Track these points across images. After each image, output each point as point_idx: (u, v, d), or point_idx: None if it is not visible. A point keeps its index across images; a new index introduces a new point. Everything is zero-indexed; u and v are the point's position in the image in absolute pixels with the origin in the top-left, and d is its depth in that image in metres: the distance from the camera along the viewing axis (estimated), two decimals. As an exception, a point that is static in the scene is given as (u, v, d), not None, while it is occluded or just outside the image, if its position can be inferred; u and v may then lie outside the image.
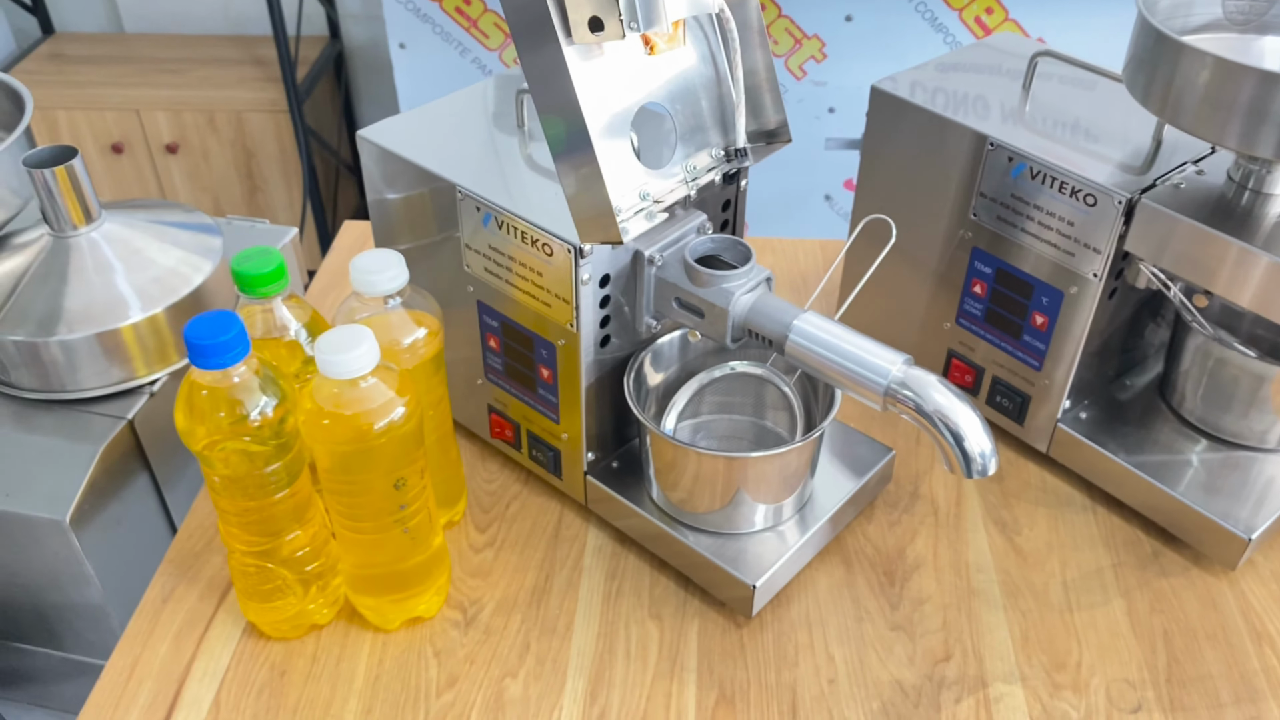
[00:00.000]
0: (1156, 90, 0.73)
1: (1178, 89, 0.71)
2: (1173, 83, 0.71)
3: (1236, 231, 0.73)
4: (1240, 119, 0.68)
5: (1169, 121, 0.73)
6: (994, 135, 0.83)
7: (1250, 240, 0.72)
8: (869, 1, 1.78)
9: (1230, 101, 0.68)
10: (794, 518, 0.82)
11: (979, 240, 0.88)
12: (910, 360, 0.71)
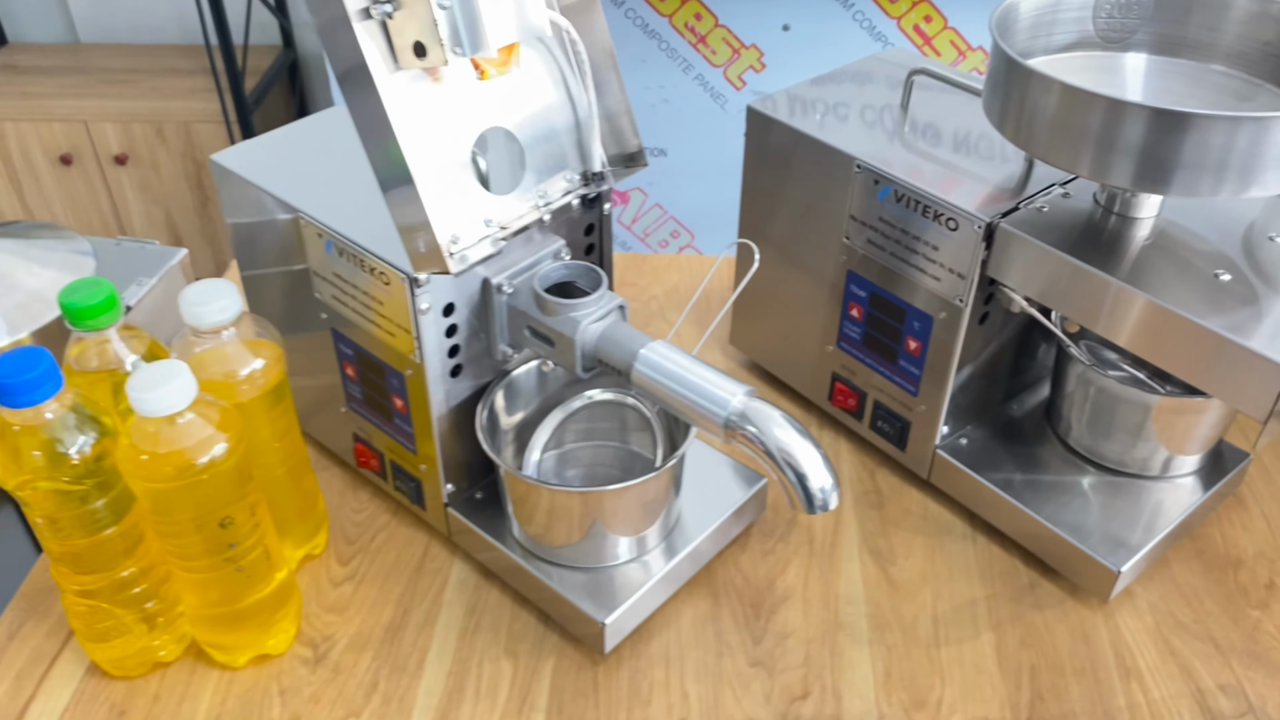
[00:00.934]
0: (1010, 116, 0.70)
1: (1029, 115, 0.69)
2: (1024, 109, 0.69)
3: (1093, 257, 0.71)
4: (1091, 147, 0.66)
5: (1022, 148, 0.71)
6: (861, 157, 0.81)
7: (1106, 266, 0.70)
8: (806, 10, 1.76)
9: (1080, 129, 0.66)
10: (659, 547, 0.80)
11: (853, 263, 0.86)
12: (752, 392, 0.69)
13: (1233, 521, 0.88)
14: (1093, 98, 0.64)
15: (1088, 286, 0.71)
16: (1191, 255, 0.72)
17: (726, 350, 1.06)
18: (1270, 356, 0.63)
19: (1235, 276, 0.69)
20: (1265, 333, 0.64)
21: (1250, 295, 0.68)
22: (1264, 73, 0.75)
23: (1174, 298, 0.67)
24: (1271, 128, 0.63)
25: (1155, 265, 0.71)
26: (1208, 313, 0.66)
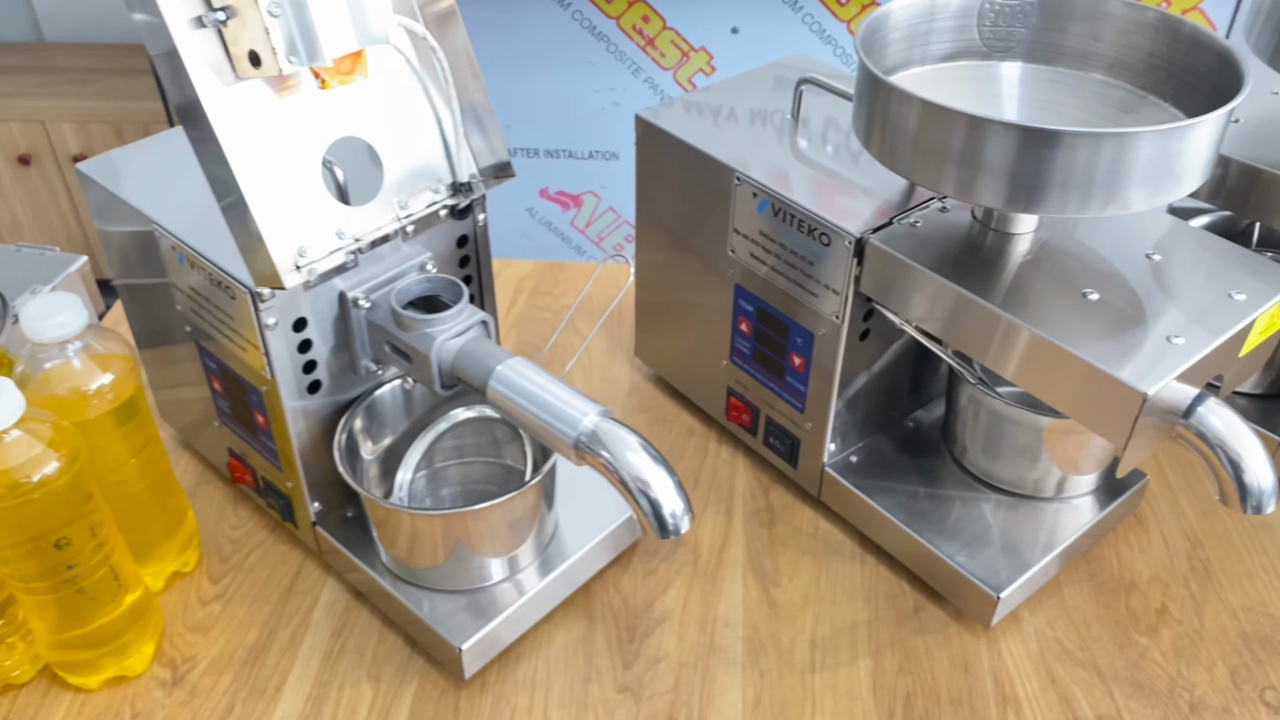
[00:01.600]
0: (875, 133, 0.68)
1: (891, 133, 0.66)
2: (886, 126, 0.66)
3: (960, 274, 0.69)
4: (955, 166, 0.64)
5: (888, 167, 0.68)
6: (740, 168, 0.79)
7: (971, 284, 0.68)
8: (755, 13, 1.74)
9: (942, 147, 0.63)
10: (533, 566, 0.78)
11: (739, 277, 0.83)
12: (606, 413, 0.67)
13: (1130, 543, 0.85)
14: (952, 115, 0.62)
15: (952, 305, 0.68)
16: (1064, 272, 0.69)
17: (633, 363, 1.04)
18: (1125, 380, 0.60)
19: (1104, 296, 0.67)
20: (1121, 356, 0.62)
21: (1114, 316, 0.65)
22: (1147, 84, 0.73)
23: (1034, 317, 0.65)
24: (1135, 143, 0.60)
25: (1025, 282, 0.68)
26: (1066, 334, 0.64)
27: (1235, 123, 0.86)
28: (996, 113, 0.73)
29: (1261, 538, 0.86)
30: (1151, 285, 0.68)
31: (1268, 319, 0.67)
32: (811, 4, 1.74)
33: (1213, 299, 0.67)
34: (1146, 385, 0.60)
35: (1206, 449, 0.65)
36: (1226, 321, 0.65)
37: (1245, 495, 0.65)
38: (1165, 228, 0.74)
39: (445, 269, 0.79)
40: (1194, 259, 0.70)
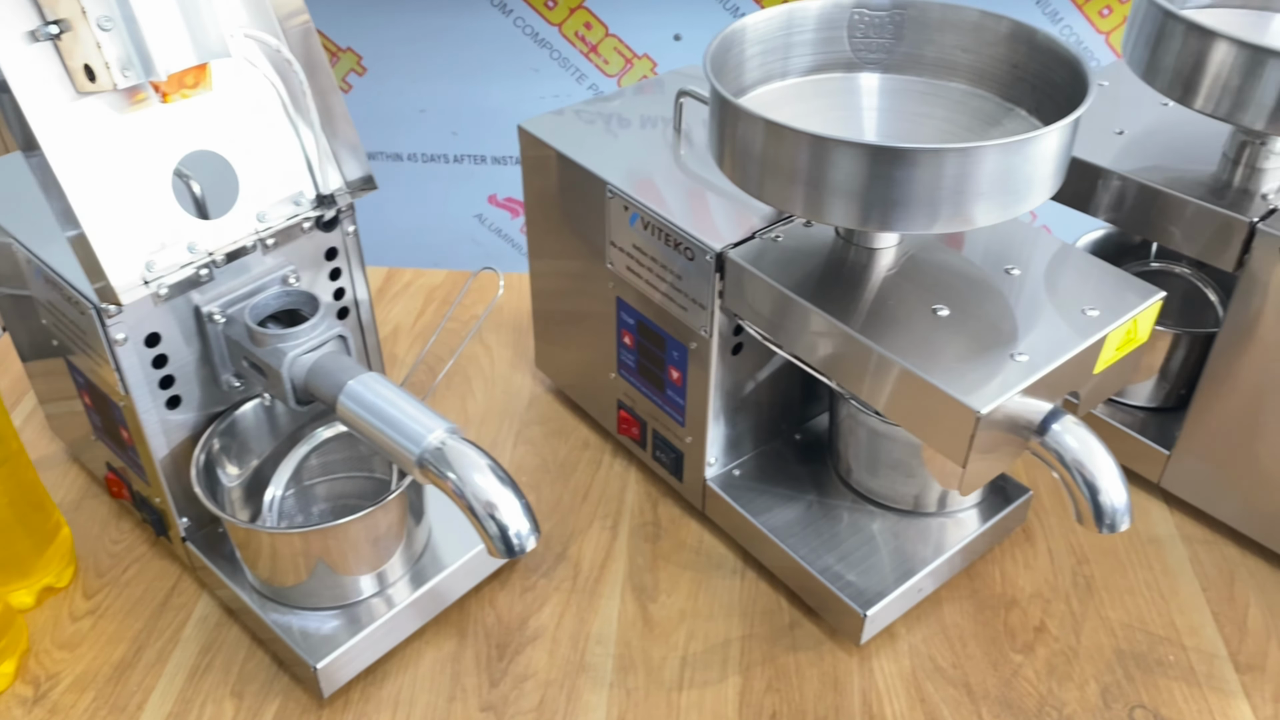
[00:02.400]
0: (725, 153, 0.66)
1: (739, 153, 0.65)
2: (734, 146, 0.65)
3: (812, 289, 0.68)
4: (801, 186, 0.62)
5: (739, 186, 0.67)
6: (612, 181, 0.78)
7: (822, 300, 0.67)
8: (697, 20, 1.73)
9: (787, 167, 0.62)
10: (403, 581, 0.77)
11: (620, 290, 0.83)
12: (455, 431, 0.66)
13: (1016, 559, 0.85)
14: (793, 134, 0.61)
15: (802, 320, 0.68)
16: (920, 287, 0.68)
17: (536, 375, 1.03)
18: (959, 398, 0.60)
19: (954, 312, 0.66)
20: (960, 374, 0.61)
21: (962, 333, 0.64)
22: (1012, 95, 0.72)
23: (878, 333, 0.64)
24: (977, 158, 0.59)
25: (877, 298, 0.68)
26: (908, 351, 0.63)
27: (1119, 134, 0.85)
28: (858, 126, 0.73)
29: (1148, 553, 0.85)
30: (1006, 301, 0.67)
31: (1121, 336, 0.66)
32: (753, 10, 1.73)
33: (1065, 315, 0.66)
34: (980, 404, 0.59)
35: (1061, 468, 0.65)
36: (1074, 338, 0.64)
37: (1100, 515, 0.64)
38: (1031, 242, 0.73)
39: (314, 282, 0.78)
40: (1054, 274, 0.70)
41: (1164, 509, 0.89)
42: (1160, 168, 0.81)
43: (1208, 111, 0.73)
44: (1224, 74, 0.71)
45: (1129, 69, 0.79)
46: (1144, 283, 0.68)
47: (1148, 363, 0.89)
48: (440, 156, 1.92)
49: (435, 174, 1.94)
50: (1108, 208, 0.83)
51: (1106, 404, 0.92)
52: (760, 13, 0.70)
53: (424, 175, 1.94)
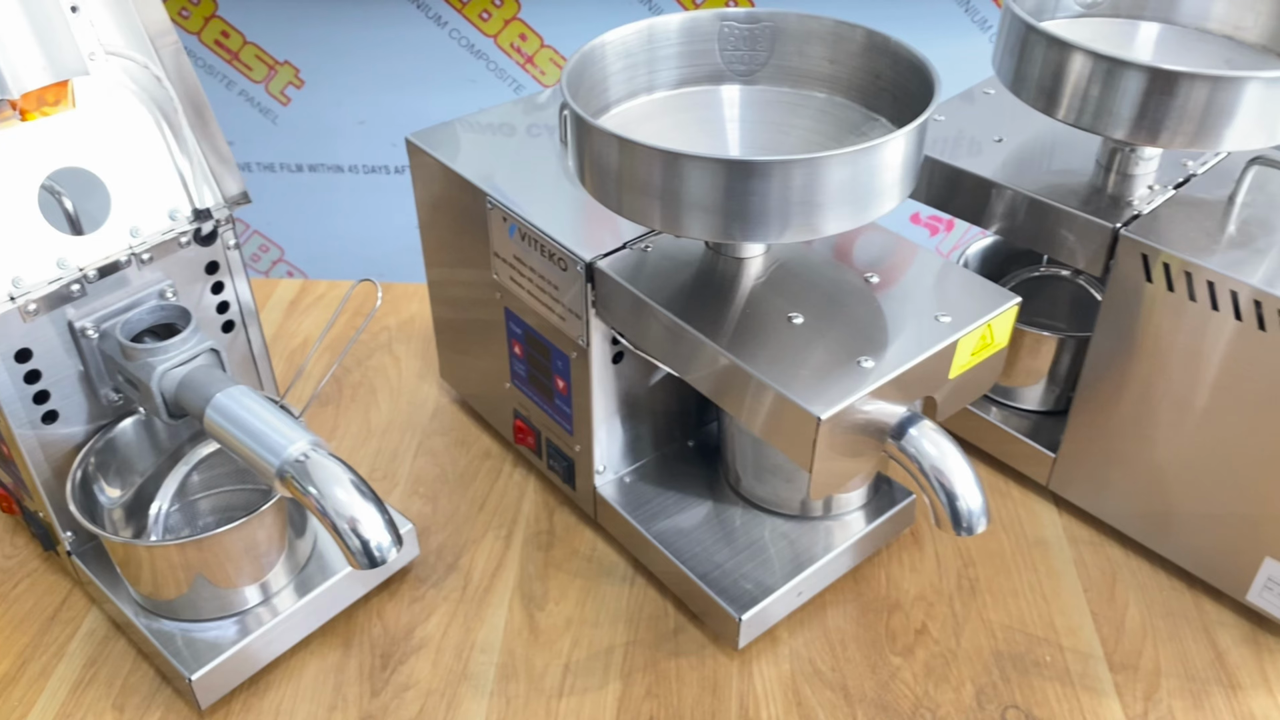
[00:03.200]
0: (584, 170, 0.67)
1: (597, 169, 0.65)
2: (591, 163, 0.66)
3: (671, 299, 0.69)
4: (656, 201, 0.63)
5: (601, 203, 0.67)
6: (491, 192, 0.79)
7: (681, 309, 0.68)
8: (632, 31, 1.74)
9: (641, 183, 0.63)
10: (288, 591, 0.77)
11: (507, 300, 0.83)
12: (318, 444, 0.67)
13: (902, 562, 0.86)
14: (647, 151, 0.61)
15: (663, 329, 0.69)
16: (781, 296, 0.69)
17: (442, 385, 1.03)
18: (801, 404, 0.60)
19: (809, 319, 0.67)
20: (805, 380, 0.62)
21: (814, 340, 0.65)
22: (876, 104, 0.73)
23: (731, 341, 0.65)
24: (824, 167, 0.60)
25: (736, 307, 0.69)
26: (757, 359, 0.64)
27: (998, 142, 0.86)
28: (722, 139, 0.74)
29: (1034, 555, 0.86)
30: (862, 307, 0.68)
31: (975, 341, 0.67)
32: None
33: (918, 321, 0.67)
34: (821, 409, 0.60)
35: (918, 472, 0.66)
36: (923, 344, 0.65)
37: (956, 519, 0.65)
38: (895, 249, 0.74)
39: (197, 295, 0.78)
40: (913, 281, 0.71)
41: (1053, 511, 0.90)
42: (1036, 176, 0.82)
43: (1070, 122, 0.74)
44: (1083, 85, 0.72)
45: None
46: (1000, 288, 0.69)
47: (1035, 367, 0.90)
48: (381, 168, 1.93)
49: (377, 185, 1.94)
50: (986, 216, 0.84)
51: (997, 407, 0.93)
52: (621, 29, 0.71)
53: (365, 186, 1.95)
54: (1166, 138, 0.71)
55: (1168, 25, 0.84)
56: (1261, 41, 0.81)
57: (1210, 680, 0.76)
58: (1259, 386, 0.71)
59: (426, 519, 0.89)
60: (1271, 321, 0.69)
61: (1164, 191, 0.79)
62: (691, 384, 0.69)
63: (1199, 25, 0.83)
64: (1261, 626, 0.80)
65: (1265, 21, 0.80)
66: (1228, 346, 0.72)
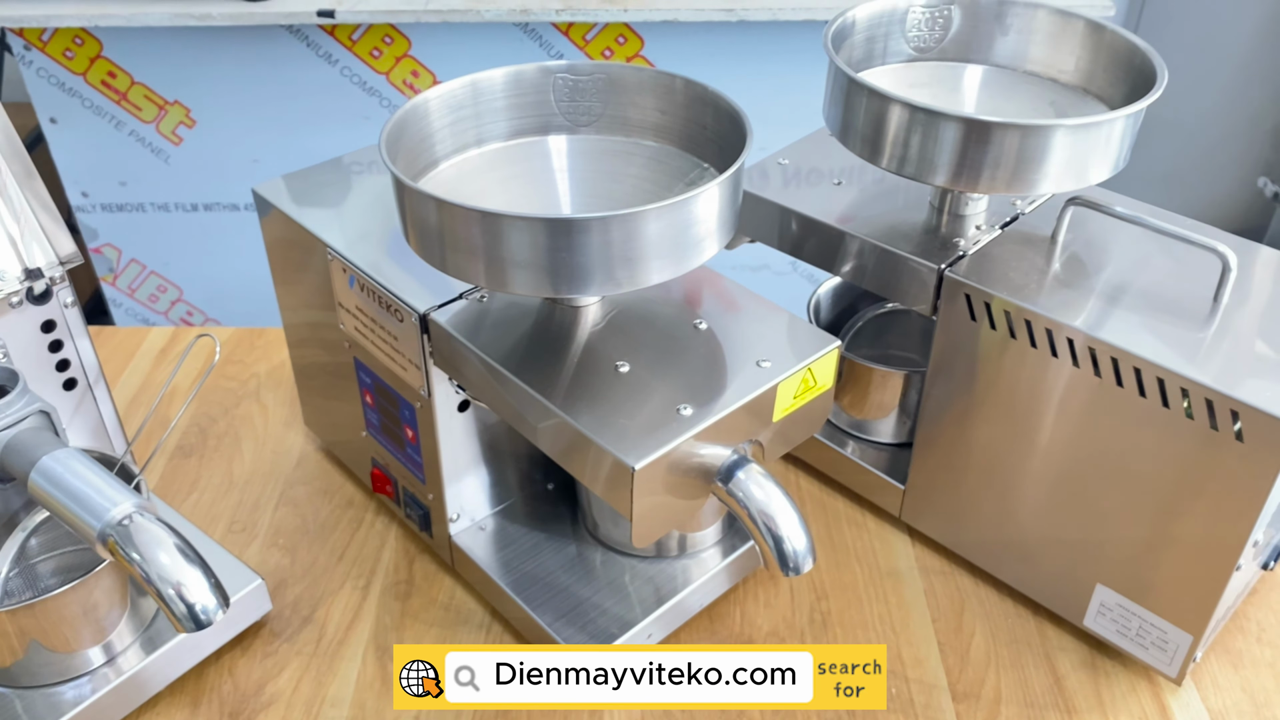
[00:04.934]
0: (409, 229, 0.67)
1: (419, 229, 0.66)
2: (414, 222, 0.66)
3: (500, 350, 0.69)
4: (479, 260, 0.63)
5: (427, 262, 0.68)
6: (332, 244, 0.79)
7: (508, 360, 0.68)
8: (524, 67, 1.76)
9: (463, 243, 0.63)
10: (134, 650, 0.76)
11: (355, 350, 0.83)
12: (143, 507, 0.66)
13: (757, 598, 0.87)
14: (464, 212, 0.62)
15: (491, 379, 0.69)
16: (611, 344, 0.70)
17: (307, 433, 1.03)
18: (616, 454, 0.61)
19: (634, 368, 0.68)
20: (623, 429, 0.63)
21: (636, 388, 0.66)
22: (705, 153, 0.75)
23: (555, 392, 0.66)
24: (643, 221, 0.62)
25: (566, 357, 0.69)
26: (578, 408, 0.64)
27: (837, 185, 0.88)
28: (552, 190, 0.75)
29: (885, 587, 0.88)
30: (689, 355, 0.69)
31: (796, 385, 0.69)
32: (577, 58, 1.76)
33: (740, 367, 0.68)
34: (635, 459, 0.61)
35: (745, 515, 0.67)
36: (743, 390, 0.66)
37: (783, 560, 0.66)
38: (726, 295, 0.75)
39: (32, 356, 0.77)
40: (738, 326, 0.72)
41: (906, 542, 0.92)
42: (874, 219, 0.84)
43: (894, 170, 0.77)
44: (903, 135, 0.75)
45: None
46: (822, 333, 0.71)
47: (885, 401, 0.92)
48: (276, 206, 1.91)
49: (273, 224, 1.93)
50: (832, 261, 0.85)
51: (854, 441, 0.95)
52: (443, 86, 0.72)
53: (261, 225, 1.93)
54: (984, 184, 0.74)
55: (994, 68, 0.87)
56: (1080, 84, 0.84)
57: (1048, 706, 0.78)
58: (1081, 420, 0.74)
59: (284, 571, 0.89)
60: (1085, 359, 0.71)
61: (990, 231, 0.81)
62: (522, 433, 0.70)
63: (1023, 68, 0.87)
64: (1099, 650, 0.82)
65: (1081, 65, 0.83)
66: (1052, 382, 0.74)
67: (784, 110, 1.38)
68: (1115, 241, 0.81)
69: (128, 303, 2.10)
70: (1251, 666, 0.81)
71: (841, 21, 0.81)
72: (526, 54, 1.76)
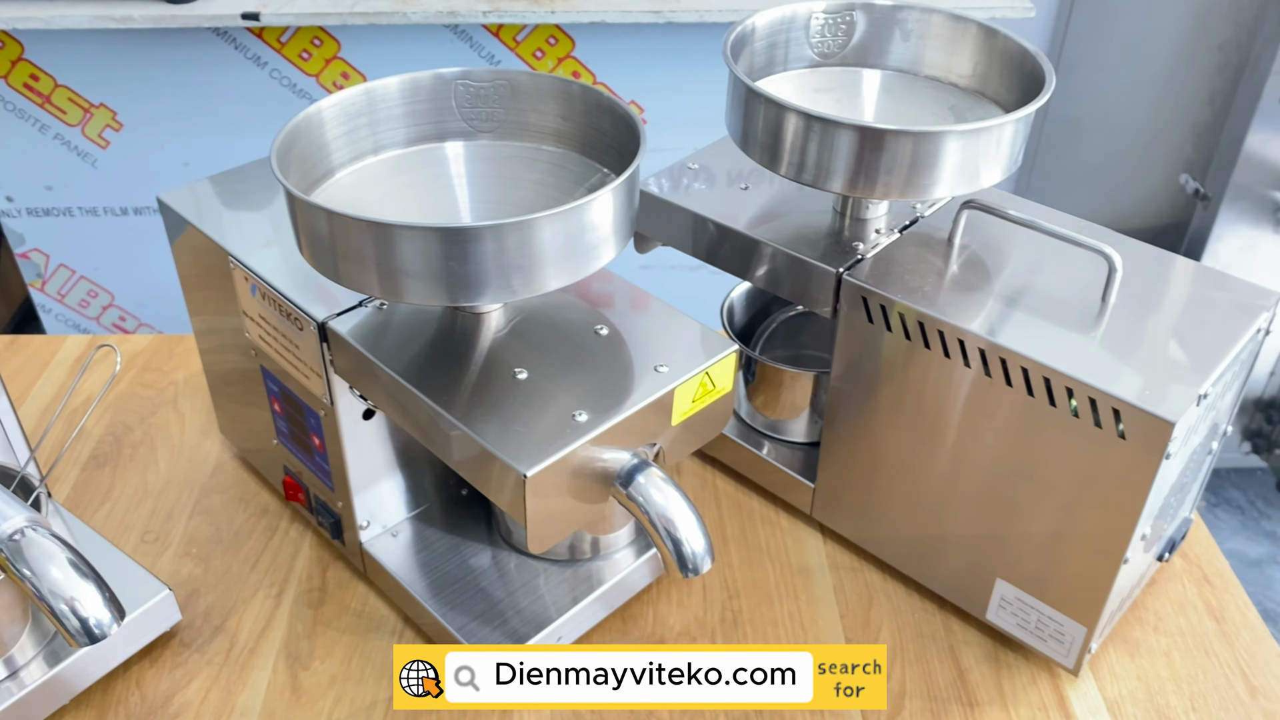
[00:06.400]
0: (303, 241, 0.67)
1: (311, 240, 0.66)
2: (306, 234, 0.66)
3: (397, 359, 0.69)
4: (372, 271, 0.64)
5: (322, 274, 0.67)
6: (235, 252, 0.79)
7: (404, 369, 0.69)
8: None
9: (358, 255, 0.63)
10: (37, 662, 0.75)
11: (261, 359, 0.83)
12: (36, 522, 0.65)
13: (670, 597, 0.88)
14: (355, 223, 0.62)
15: (389, 388, 0.69)
16: (511, 351, 0.71)
17: (224, 441, 1.02)
18: (509, 461, 0.62)
19: (533, 374, 0.68)
20: (519, 436, 0.63)
21: (534, 395, 0.67)
22: (605, 159, 0.75)
23: (449, 399, 0.66)
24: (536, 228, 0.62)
25: (465, 364, 0.70)
26: (473, 416, 0.65)
27: (744, 189, 0.89)
28: (450, 196, 0.75)
29: (796, 584, 0.89)
30: (585, 360, 0.70)
31: (694, 389, 0.70)
32: (508, 59, 1.76)
33: (637, 372, 0.69)
34: (527, 466, 0.61)
35: (645, 519, 0.68)
36: (639, 395, 0.67)
37: (682, 562, 0.67)
38: (628, 299, 0.76)
39: None
40: (639, 331, 0.73)
41: (818, 539, 0.93)
42: (779, 224, 0.85)
43: (792, 178, 0.78)
44: (799, 143, 0.76)
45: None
46: (720, 337, 0.72)
47: (795, 402, 0.93)
48: (207, 210, 1.89)
49: (204, 228, 1.91)
50: (741, 267, 0.86)
51: (769, 441, 0.96)
52: (336, 95, 0.72)
53: (192, 229, 1.91)
54: (880, 190, 0.75)
55: (895, 73, 0.89)
56: (976, 87, 0.86)
57: (951, 699, 0.80)
58: (976, 417, 0.76)
59: (196, 580, 0.88)
60: (975, 359, 0.73)
61: (890, 235, 0.83)
62: (420, 441, 0.70)
63: (923, 73, 0.88)
64: (1002, 644, 0.84)
65: (978, 69, 0.85)
66: (947, 381, 0.76)
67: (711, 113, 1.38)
68: (1011, 243, 0.82)
69: (58, 308, 2.06)
70: (1147, 655, 0.84)
71: (741, 29, 0.82)
72: (457, 55, 1.75)
